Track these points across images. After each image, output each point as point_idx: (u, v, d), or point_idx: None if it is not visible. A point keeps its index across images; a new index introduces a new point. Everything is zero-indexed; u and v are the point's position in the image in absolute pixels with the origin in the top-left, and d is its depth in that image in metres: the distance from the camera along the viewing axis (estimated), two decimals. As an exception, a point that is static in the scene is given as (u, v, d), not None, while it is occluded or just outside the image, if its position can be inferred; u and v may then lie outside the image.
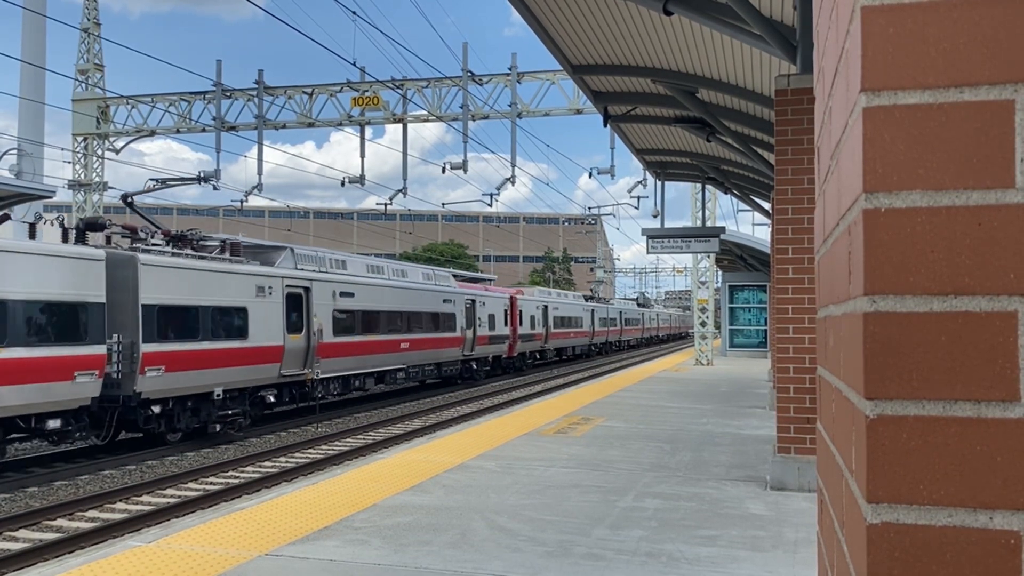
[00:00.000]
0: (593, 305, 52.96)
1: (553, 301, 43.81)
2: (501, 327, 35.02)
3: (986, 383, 0.75)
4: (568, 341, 46.74)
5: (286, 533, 6.49)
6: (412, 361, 26.72)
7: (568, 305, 46.82)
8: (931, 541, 0.76)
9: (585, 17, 11.12)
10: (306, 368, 20.51)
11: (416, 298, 27.24)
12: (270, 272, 19.53)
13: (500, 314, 34.93)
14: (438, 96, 29.02)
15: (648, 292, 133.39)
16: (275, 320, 19.30)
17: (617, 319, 61.07)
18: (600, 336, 54.91)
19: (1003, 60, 0.75)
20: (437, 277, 30.27)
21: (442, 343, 29.08)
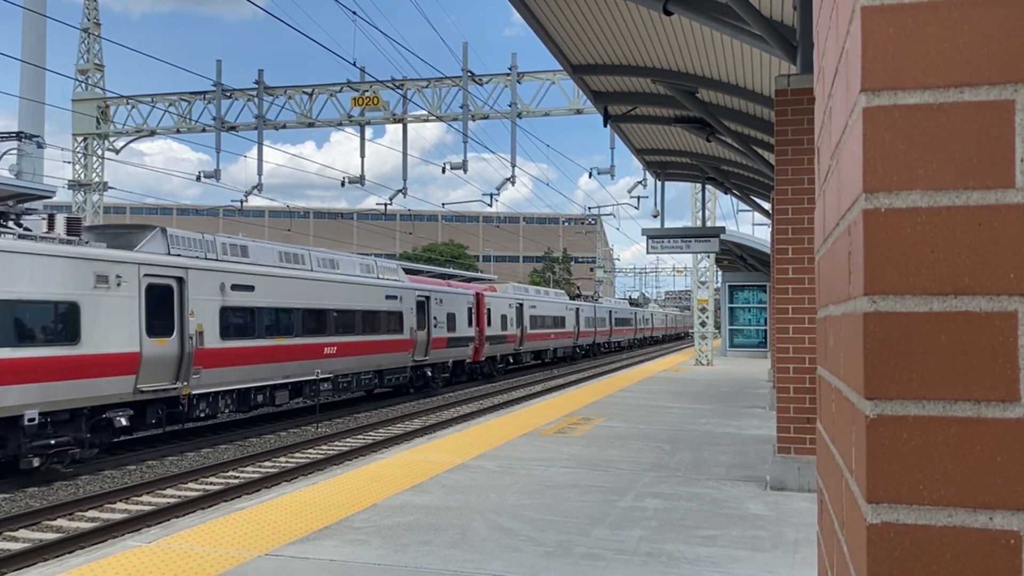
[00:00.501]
0: (578, 304, 49.28)
1: (530, 299, 39.85)
2: (464, 328, 30.79)
3: (986, 383, 0.75)
4: (548, 343, 42.86)
5: (286, 533, 6.49)
6: (341, 368, 22.41)
7: (548, 303, 42.84)
8: (931, 541, 0.76)
9: (585, 17, 11.12)
10: (179, 381, 16.34)
11: (347, 293, 22.91)
12: (118, 257, 15.03)
13: (463, 313, 30.66)
14: (438, 96, 29.03)
15: (648, 292, 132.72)
16: (127, 319, 15.02)
17: (606, 319, 57.08)
18: (586, 337, 51.13)
19: (1003, 60, 0.75)
20: (380, 270, 26.01)
21: (384, 347, 24.82)
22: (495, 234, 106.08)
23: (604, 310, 56.82)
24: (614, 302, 65.28)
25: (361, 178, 30.22)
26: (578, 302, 50.28)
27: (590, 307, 52.52)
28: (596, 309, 54.04)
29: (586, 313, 50.86)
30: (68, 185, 32.48)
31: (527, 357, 39.79)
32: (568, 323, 46.36)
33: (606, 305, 58.78)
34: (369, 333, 24.03)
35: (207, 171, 31.47)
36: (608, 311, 58.11)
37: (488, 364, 34.20)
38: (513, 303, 37.00)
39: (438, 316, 28.54)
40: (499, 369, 35.59)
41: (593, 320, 52.62)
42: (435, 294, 28.79)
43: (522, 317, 38.00)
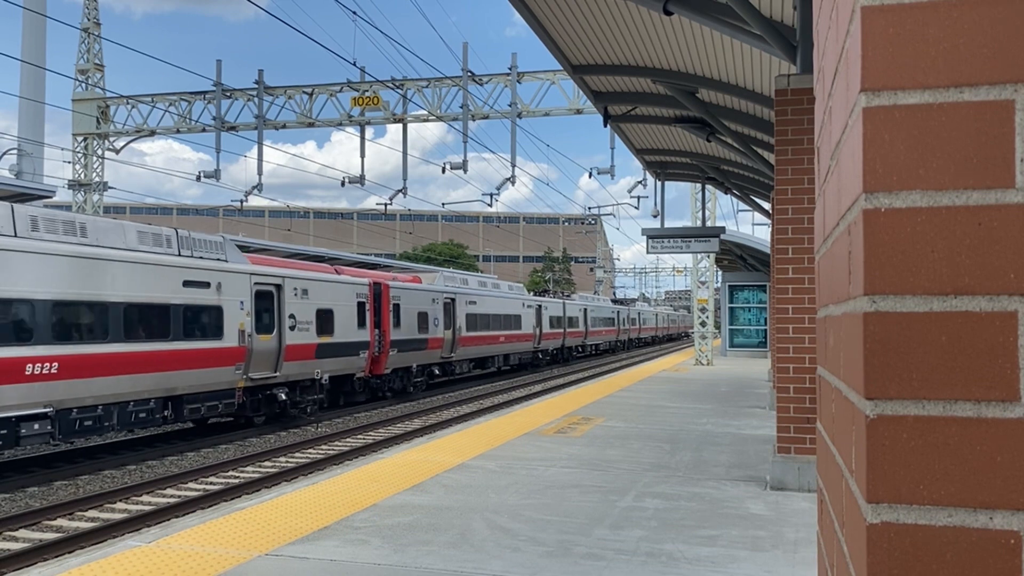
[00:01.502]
0: (541, 300, 42.19)
1: (467, 292, 32.05)
2: (350, 330, 22.60)
3: (986, 383, 0.75)
4: (495, 348, 34.87)
5: (286, 533, 6.49)
6: (72, 397, 14.00)
7: (494, 298, 34.91)
8: (931, 541, 0.76)
9: (585, 17, 11.12)
10: None
11: (99, 276, 14.82)
12: None
13: (346, 310, 22.53)
14: (438, 96, 29.03)
15: (648, 292, 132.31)
16: None
17: (579, 318, 49.30)
18: (552, 340, 43.37)
19: (1003, 60, 0.75)
20: (186, 243, 17.50)
21: (183, 360, 16.59)
22: (495, 234, 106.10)
23: (577, 308, 49.21)
24: (591, 299, 56.20)
25: (361, 178, 30.22)
26: (542, 298, 43.43)
27: (558, 304, 45.09)
28: (566, 307, 46.51)
29: (552, 311, 43.57)
30: (68, 185, 32.49)
31: (463, 367, 31.99)
32: (525, 323, 38.94)
33: (579, 302, 50.87)
34: (150, 339, 15.80)
35: (207, 171, 31.48)
36: (582, 309, 50.30)
37: (399, 378, 26.22)
38: (440, 298, 29.06)
39: (299, 313, 20.20)
40: (418, 384, 27.47)
41: (561, 320, 45.17)
42: (292, 281, 20.02)
43: (453, 316, 30.21)
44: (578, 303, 50.20)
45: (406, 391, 26.80)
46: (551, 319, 43.45)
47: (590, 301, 54.47)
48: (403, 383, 26.62)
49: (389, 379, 25.66)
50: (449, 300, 30.08)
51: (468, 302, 31.91)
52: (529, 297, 41.08)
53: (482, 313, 33.37)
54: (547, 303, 43.31)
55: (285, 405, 19.84)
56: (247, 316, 18.26)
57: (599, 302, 57.74)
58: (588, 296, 57.58)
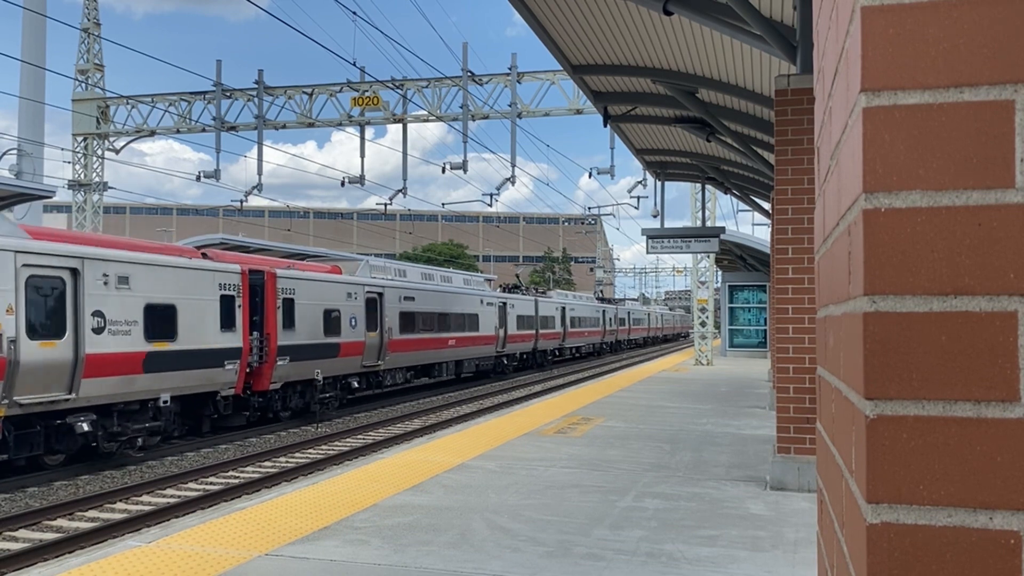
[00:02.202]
0: (506, 297, 36.77)
1: (401, 286, 26.21)
2: (206, 333, 17.16)
3: (986, 383, 0.75)
4: (442, 354, 29.18)
5: (286, 533, 6.49)
6: None
7: (441, 294, 29.20)
8: (931, 541, 0.76)
9: (585, 17, 11.12)
10: None
11: None
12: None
13: (203, 306, 17.11)
14: (438, 96, 29.03)
15: (648, 292, 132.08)
16: None
17: (555, 318, 43.64)
18: (520, 342, 37.79)
19: (1003, 60, 0.75)
20: None
21: None
22: (495, 234, 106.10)
23: (552, 307, 43.40)
24: (571, 297, 50.73)
25: (361, 178, 30.22)
26: (509, 295, 37.85)
27: (527, 302, 39.51)
28: (539, 305, 40.76)
29: (521, 310, 38.24)
30: (68, 185, 32.49)
31: (395, 377, 25.95)
32: (485, 323, 33.33)
33: (556, 300, 45.01)
34: None
35: (207, 171, 31.49)
36: (558, 308, 44.45)
37: (297, 394, 20.64)
38: (359, 292, 23.34)
39: (112, 310, 14.76)
40: (327, 401, 21.58)
41: (532, 320, 39.67)
42: (98, 265, 14.58)
43: (380, 314, 24.45)
44: (555, 301, 44.62)
45: (306, 410, 20.96)
46: (520, 319, 37.84)
47: (569, 299, 49.17)
48: (304, 400, 20.84)
49: (281, 396, 19.87)
50: (374, 295, 24.10)
51: (403, 298, 25.87)
52: (490, 293, 34.93)
53: (424, 311, 27.37)
54: (514, 300, 37.56)
55: (92, 438, 14.25)
56: (7, 314, 12.75)
57: (580, 300, 52.29)
58: (567, 294, 52.32)
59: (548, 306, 42.92)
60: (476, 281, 34.93)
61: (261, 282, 19.49)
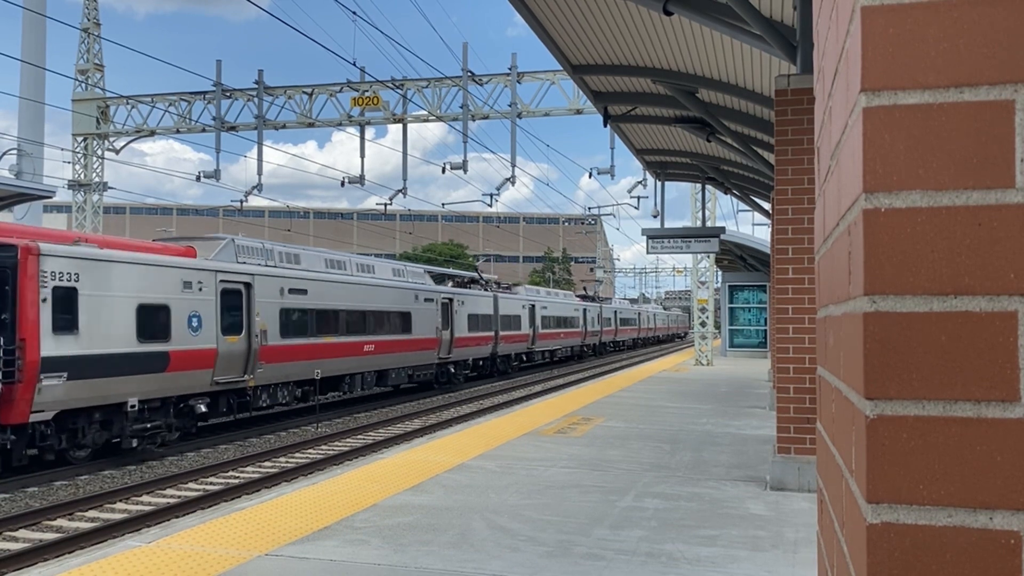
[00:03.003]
0: (453, 292, 30.43)
1: (281, 275, 20.02)
2: None
3: (986, 383, 0.75)
4: (348, 363, 22.58)
5: (286, 533, 6.49)
6: None
7: (345, 286, 22.80)
8: (931, 541, 0.76)
9: (585, 17, 11.12)
10: None
11: None
12: None
13: None
14: (438, 96, 29.04)
15: (648, 292, 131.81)
16: None
17: (522, 318, 37.62)
18: (472, 347, 31.47)
19: (1003, 60, 0.75)
20: None
21: None
22: (495, 234, 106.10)
23: (517, 304, 37.27)
24: (542, 293, 43.95)
25: (361, 178, 30.23)
26: (458, 289, 31.52)
27: (482, 298, 33.06)
28: (499, 302, 34.62)
29: (472, 307, 31.72)
30: (68, 185, 32.50)
31: (277, 395, 19.63)
32: (421, 324, 26.96)
33: (521, 297, 38.45)
34: None
35: (207, 171, 31.50)
36: (526, 306, 38.29)
37: (91, 425, 14.56)
38: (210, 281, 17.48)
39: None
40: (154, 433, 15.79)
41: (490, 320, 33.45)
42: None
43: (248, 312, 18.51)
44: (521, 298, 38.15)
45: (124, 447, 15.24)
46: (473, 319, 31.62)
47: (540, 295, 42.60)
48: (111, 432, 15.04)
49: (61, 429, 14.02)
50: (236, 286, 18.29)
51: (288, 290, 20.04)
52: (430, 287, 28.65)
53: (323, 309, 21.47)
54: (464, 296, 31.22)
55: None
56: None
57: (556, 297, 46.26)
58: (539, 289, 45.29)
59: (511, 303, 36.30)
60: (413, 272, 28.28)
61: (7, 262, 13.18)
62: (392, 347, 25.27)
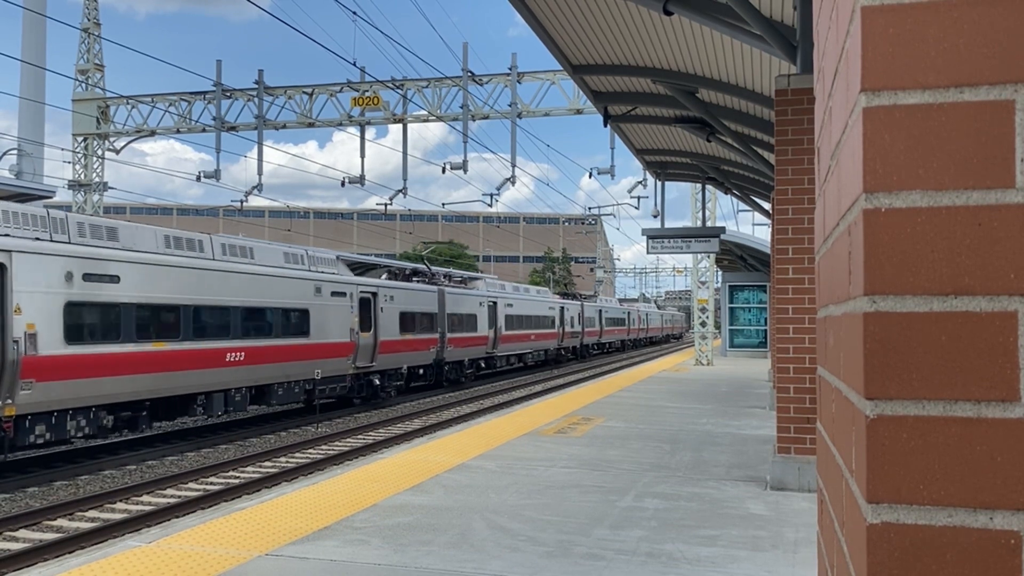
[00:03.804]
0: (377, 285, 24.58)
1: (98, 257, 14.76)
2: None
3: (986, 383, 0.75)
4: (208, 377, 17.37)
5: (286, 533, 6.49)
6: None
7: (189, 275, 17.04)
8: (931, 541, 0.76)
9: (585, 17, 11.12)
10: None
11: None
12: None
13: None
14: (438, 96, 29.04)
15: (648, 292, 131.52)
16: None
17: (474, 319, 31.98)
18: (406, 352, 25.82)
19: (1003, 60, 0.75)
20: None
21: None
22: (495, 234, 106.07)
23: (471, 301, 31.74)
24: (508, 289, 37.66)
25: (361, 178, 30.22)
26: (385, 282, 25.60)
27: (424, 295, 27.38)
28: (446, 298, 29.18)
29: (404, 304, 25.74)
30: (68, 185, 32.50)
31: (66, 427, 14.03)
32: (324, 326, 21.40)
33: (479, 293, 32.83)
34: None
35: (207, 171, 31.49)
36: (486, 303, 32.92)
37: None
38: None
39: None
40: None
41: (433, 319, 28.11)
42: None
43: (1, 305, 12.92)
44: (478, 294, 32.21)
45: None
46: (407, 318, 26.01)
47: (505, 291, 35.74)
48: None
49: None
50: None
51: (76, 275, 14.34)
52: (340, 278, 22.66)
53: (139, 302, 15.69)
54: (395, 290, 25.41)
55: None
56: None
57: (523, 294, 38.69)
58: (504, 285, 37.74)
59: (465, 300, 30.81)
60: (319, 259, 22.21)
61: None
62: (276, 355, 19.37)
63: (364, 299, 23.74)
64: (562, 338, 44.23)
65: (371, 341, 23.81)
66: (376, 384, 24.28)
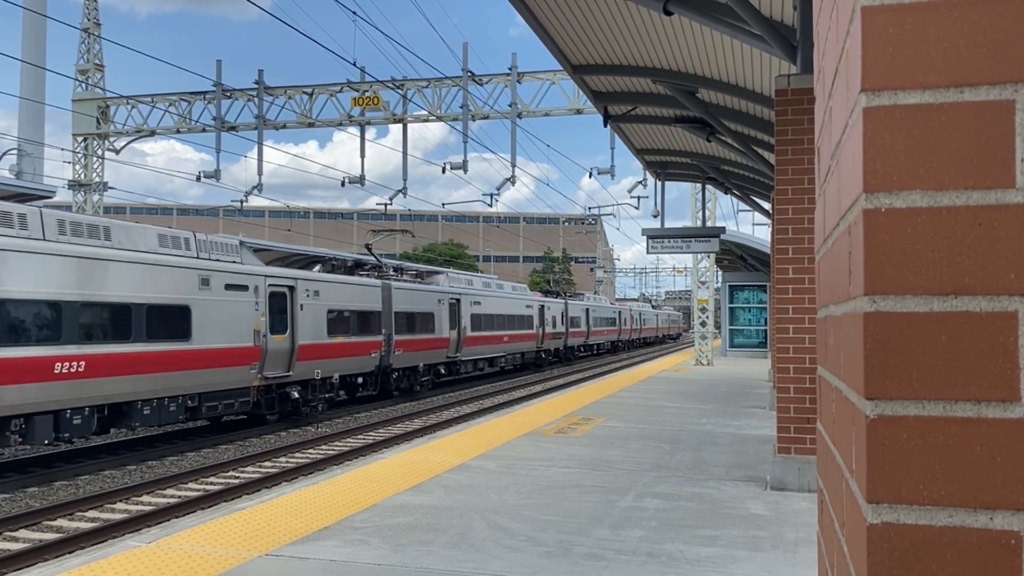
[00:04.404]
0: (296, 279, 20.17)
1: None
2: None
3: (986, 383, 0.75)
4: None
5: (286, 533, 6.49)
6: None
7: None
8: (931, 541, 0.76)
9: (585, 17, 11.12)
10: None
11: None
12: None
13: None
14: (438, 96, 29.04)
15: (648, 292, 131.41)
16: None
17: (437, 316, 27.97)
18: (336, 357, 21.67)
19: (1003, 60, 0.75)
20: None
21: None
22: (495, 234, 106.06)
23: (428, 298, 27.45)
24: (476, 285, 33.36)
25: (361, 178, 30.22)
26: (307, 273, 21.16)
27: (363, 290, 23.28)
28: (393, 294, 24.78)
29: (333, 300, 21.67)
30: (68, 185, 32.49)
31: None
32: (214, 327, 17.43)
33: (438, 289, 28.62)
34: None
35: (208, 171, 31.49)
36: (446, 300, 28.79)
37: None
38: None
39: None
40: None
41: (376, 319, 23.78)
42: None
43: None
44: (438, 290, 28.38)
45: None
46: (338, 317, 21.82)
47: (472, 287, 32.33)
48: None
49: None
50: None
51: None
52: (239, 268, 18.41)
53: None
54: (320, 283, 21.20)
55: None
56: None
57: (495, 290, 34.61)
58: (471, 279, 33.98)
59: (419, 297, 26.69)
60: (219, 246, 18.29)
61: None
62: (137, 364, 15.37)
63: (276, 294, 19.20)
64: (542, 339, 40.58)
65: (286, 345, 19.42)
66: (295, 397, 19.79)
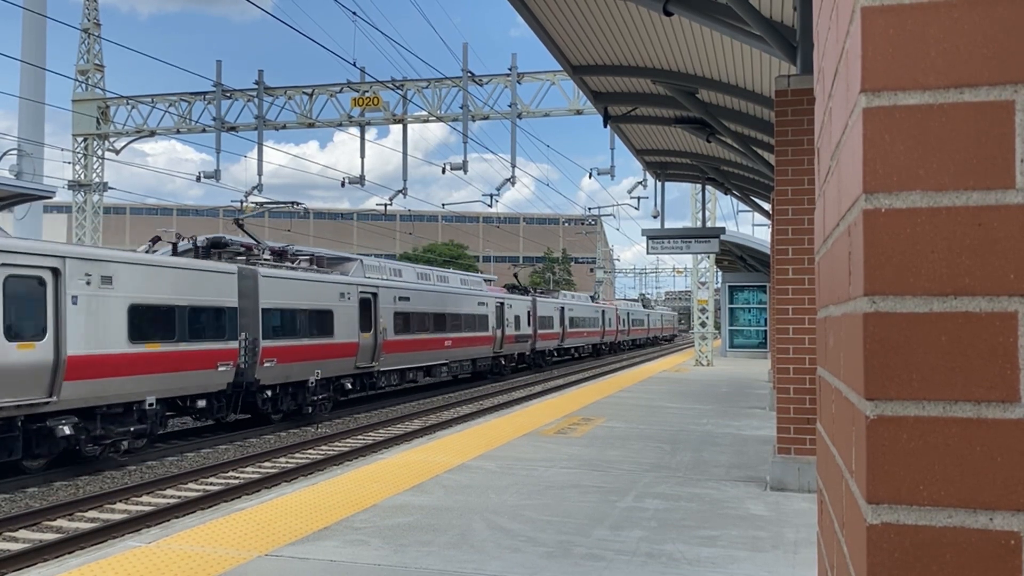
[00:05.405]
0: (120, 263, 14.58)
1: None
2: None
3: (986, 383, 0.75)
4: None
5: (286, 533, 6.49)
6: None
7: None
8: (931, 542, 0.76)
9: (585, 17, 11.12)
10: None
11: None
12: None
13: None
14: (438, 96, 29.03)
15: (648, 292, 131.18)
16: None
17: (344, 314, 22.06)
18: (159, 372, 15.33)
19: (1003, 60, 0.75)
20: None
21: None
22: (495, 234, 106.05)
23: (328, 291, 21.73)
24: (410, 275, 28.00)
25: (361, 178, 30.23)
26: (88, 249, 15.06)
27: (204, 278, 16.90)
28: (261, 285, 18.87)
29: (150, 295, 15.36)
30: (68, 185, 32.49)
31: None
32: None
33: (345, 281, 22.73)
34: None
35: (208, 171, 31.49)
36: (354, 295, 22.90)
37: None
38: None
39: None
40: None
41: (215, 321, 17.21)
42: None
43: None
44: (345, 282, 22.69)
45: None
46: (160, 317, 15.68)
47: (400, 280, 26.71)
48: None
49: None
50: None
51: None
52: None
53: None
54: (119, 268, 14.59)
55: None
56: None
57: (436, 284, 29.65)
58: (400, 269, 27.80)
59: (313, 290, 21.05)
60: None
61: None
62: None
63: (21, 282, 12.79)
64: (500, 343, 34.48)
65: (48, 359, 13.12)
66: (67, 435, 13.41)
